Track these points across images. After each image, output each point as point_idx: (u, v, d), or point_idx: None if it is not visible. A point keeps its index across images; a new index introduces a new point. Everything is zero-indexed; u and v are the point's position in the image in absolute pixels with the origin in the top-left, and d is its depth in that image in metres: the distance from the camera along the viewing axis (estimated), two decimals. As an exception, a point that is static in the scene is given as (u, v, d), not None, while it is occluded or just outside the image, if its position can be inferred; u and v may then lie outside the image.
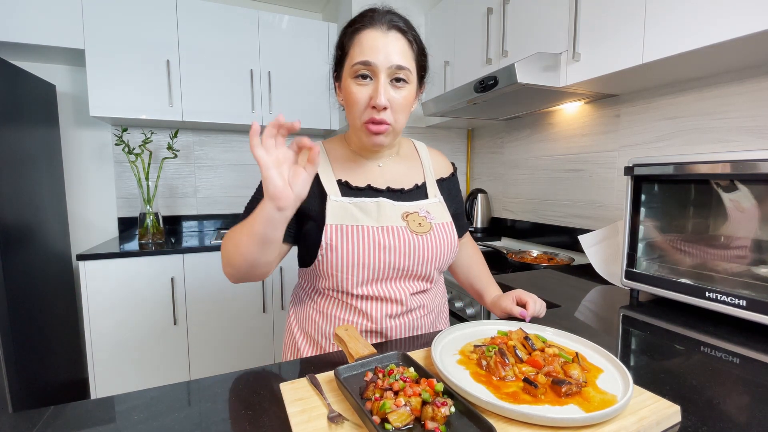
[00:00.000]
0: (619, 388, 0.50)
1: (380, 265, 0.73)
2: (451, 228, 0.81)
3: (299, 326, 0.84)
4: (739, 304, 0.80)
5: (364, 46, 0.68)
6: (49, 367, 1.82)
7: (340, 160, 0.80)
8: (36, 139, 1.81)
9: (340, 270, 0.72)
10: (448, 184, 0.89)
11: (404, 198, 0.80)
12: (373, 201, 0.76)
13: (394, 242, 0.73)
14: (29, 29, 1.79)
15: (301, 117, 2.32)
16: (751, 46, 0.93)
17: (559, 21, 1.34)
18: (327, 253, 0.71)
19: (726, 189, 0.86)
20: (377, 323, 0.75)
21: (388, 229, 0.74)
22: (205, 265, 1.96)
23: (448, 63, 2.04)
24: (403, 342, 0.75)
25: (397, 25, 0.70)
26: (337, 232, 0.71)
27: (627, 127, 1.49)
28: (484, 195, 2.26)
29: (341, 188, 0.76)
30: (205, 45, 2.08)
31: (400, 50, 0.69)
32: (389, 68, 0.68)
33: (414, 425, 0.45)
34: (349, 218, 0.73)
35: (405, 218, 0.76)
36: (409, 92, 0.72)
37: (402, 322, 0.78)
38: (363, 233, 0.72)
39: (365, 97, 0.69)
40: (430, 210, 0.80)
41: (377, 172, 0.81)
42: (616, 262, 1.24)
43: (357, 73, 0.69)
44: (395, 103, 0.70)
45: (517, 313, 0.79)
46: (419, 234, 0.76)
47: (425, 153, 0.89)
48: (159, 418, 0.50)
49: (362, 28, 0.69)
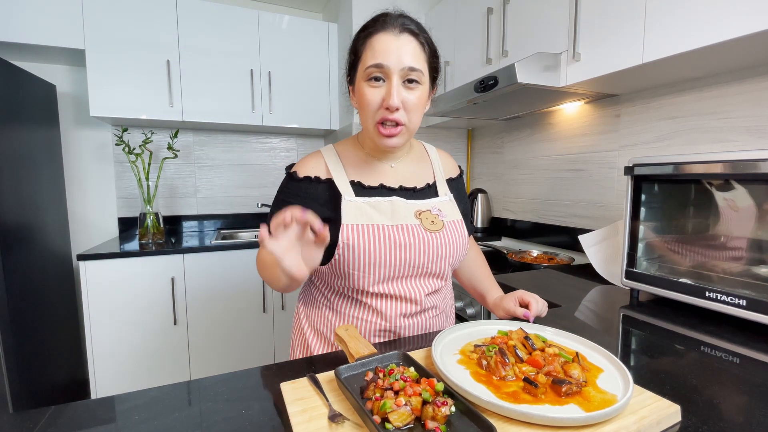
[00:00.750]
0: (619, 388, 0.50)
1: (397, 263, 0.73)
2: (461, 225, 0.83)
3: (310, 324, 0.85)
4: (739, 304, 0.80)
5: (376, 50, 0.70)
6: (49, 367, 1.82)
7: (353, 162, 0.81)
8: (36, 139, 1.81)
9: (357, 268, 0.73)
10: (456, 184, 0.91)
11: (416, 196, 0.81)
12: (387, 200, 0.77)
13: (409, 240, 0.74)
14: (29, 29, 1.79)
15: (301, 117, 2.32)
16: (751, 46, 0.93)
17: (559, 21, 1.34)
18: (344, 252, 0.72)
19: (720, 188, 0.86)
20: (391, 322, 0.76)
21: (403, 227, 0.75)
22: (206, 265, 1.96)
23: (448, 63, 2.04)
24: (411, 340, 0.76)
25: (408, 28, 0.71)
26: (353, 231, 0.72)
27: (627, 127, 1.49)
28: (484, 195, 2.26)
29: (354, 188, 0.78)
30: (205, 45, 2.08)
31: (412, 52, 0.70)
32: (402, 70, 0.69)
33: (414, 425, 0.45)
34: (365, 217, 0.74)
35: (418, 216, 0.77)
36: (422, 93, 0.73)
37: (415, 321, 0.79)
38: (379, 232, 0.73)
39: (378, 98, 0.70)
40: (441, 208, 0.82)
41: (389, 172, 0.82)
42: (616, 262, 1.24)
43: (370, 76, 0.70)
44: (408, 104, 0.71)
45: (521, 314, 0.79)
46: (433, 231, 0.77)
47: (435, 154, 0.91)
48: (160, 418, 0.50)
49: (374, 32, 0.71)
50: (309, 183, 0.78)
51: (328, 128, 2.41)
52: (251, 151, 2.57)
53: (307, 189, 0.77)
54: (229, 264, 2.00)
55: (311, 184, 0.78)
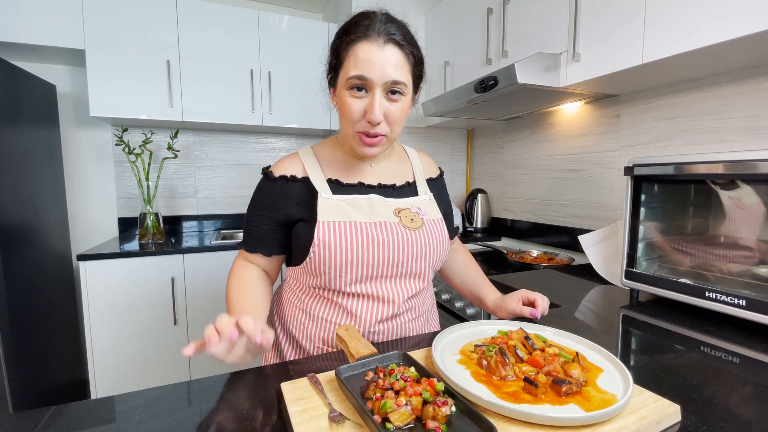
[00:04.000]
0: (619, 388, 0.50)
1: (375, 261, 0.72)
2: (441, 224, 0.81)
3: (282, 327, 0.83)
4: (739, 304, 0.80)
5: (359, 60, 0.67)
6: (49, 367, 1.82)
7: (331, 162, 0.80)
8: (36, 140, 1.81)
9: (333, 268, 0.71)
10: (436, 184, 0.90)
11: (395, 194, 0.80)
12: (365, 197, 0.75)
13: (387, 237, 0.72)
14: (29, 29, 1.79)
15: (301, 117, 2.32)
16: (751, 46, 0.93)
17: (559, 21, 1.34)
18: (319, 250, 0.70)
19: (725, 187, 0.86)
20: (365, 327, 0.74)
21: (381, 224, 0.73)
22: (206, 265, 1.96)
23: (448, 63, 2.04)
24: (412, 340, 0.75)
25: (393, 38, 0.68)
26: (329, 229, 0.71)
27: (627, 127, 1.50)
28: (484, 195, 2.26)
29: (332, 186, 0.76)
30: (205, 45, 2.08)
31: (396, 64, 0.68)
32: (385, 83, 0.67)
33: (415, 425, 0.45)
34: (341, 215, 0.72)
35: (397, 214, 0.76)
36: (405, 104, 0.71)
37: (390, 326, 0.76)
38: (356, 229, 0.71)
39: (360, 109, 0.69)
40: (421, 206, 0.80)
41: (369, 171, 0.81)
42: (616, 262, 1.24)
43: (352, 86, 0.68)
44: (391, 116, 0.70)
45: (528, 313, 0.78)
46: (412, 229, 0.75)
47: (414, 155, 0.90)
48: (160, 418, 0.50)
49: (357, 40, 0.68)
50: (285, 182, 0.76)
51: (328, 128, 2.41)
52: (251, 151, 2.56)
53: (283, 188, 0.76)
54: (229, 264, 2.00)
55: (287, 183, 0.76)
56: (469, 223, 2.29)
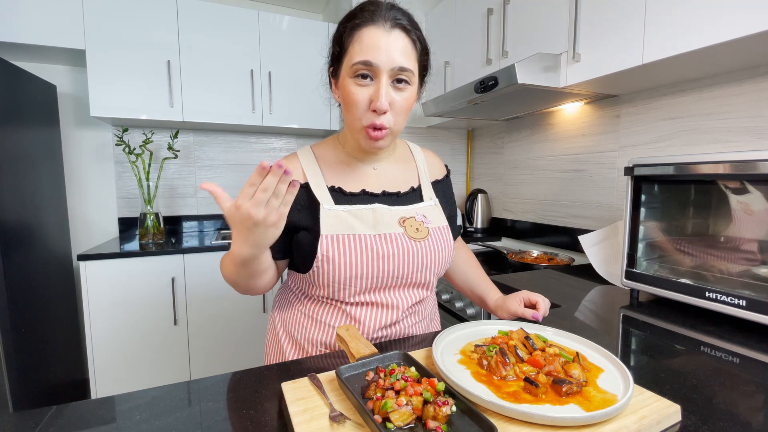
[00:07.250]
0: (619, 388, 0.50)
1: (379, 274, 0.71)
2: (447, 232, 0.80)
3: (284, 329, 0.82)
4: (739, 304, 0.80)
5: (364, 45, 0.64)
6: (49, 367, 1.82)
7: (333, 165, 0.77)
8: (36, 140, 1.81)
9: (337, 281, 0.70)
10: (442, 186, 0.88)
11: (400, 202, 0.78)
12: (369, 208, 0.73)
13: (391, 250, 0.71)
14: (29, 29, 1.79)
15: (301, 117, 2.33)
16: (751, 46, 0.93)
17: (559, 21, 1.34)
18: (323, 264, 0.69)
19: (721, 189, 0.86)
20: (368, 332, 0.74)
21: (385, 236, 0.71)
22: (206, 265, 1.96)
23: (448, 63, 2.04)
24: (412, 341, 0.75)
25: (400, 23, 0.66)
26: (333, 242, 0.69)
27: (627, 128, 1.50)
28: (484, 195, 2.26)
29: (334, 195, 0.74)
30: (205, 45, 2.08)
31: (403, 50, 0.66)
32: (391, 69, 0.65)
33: (415, 424, 0.45)
34: (345, 227, 0.70)
35: (402, 224, 0.74)
36: (411, 93, 0.69)
37: (393, 331, 0.76)
38: (360, 243, 0.70)
39: (365, 98, 0.66)
40: (426, 214, 0.78)
41: (372, 176, 0.78)
42: (616, 262, 1.24)
43: (357, 73, 0.66)
44: (396, 105, 0.67)
45: (529, 315, 0.78)
46: (417, 240, 0.74)
47: (420, 154, 0.87)
48: (161, 418, 0.50)
49: (363, 25, 0.65)
50: None
51: (328, 128, 2.41)
52: (251, 151, 2.57)
53: None
54: (229, 264, 2.00)
55: None
56: (469, 223, 2.29)
